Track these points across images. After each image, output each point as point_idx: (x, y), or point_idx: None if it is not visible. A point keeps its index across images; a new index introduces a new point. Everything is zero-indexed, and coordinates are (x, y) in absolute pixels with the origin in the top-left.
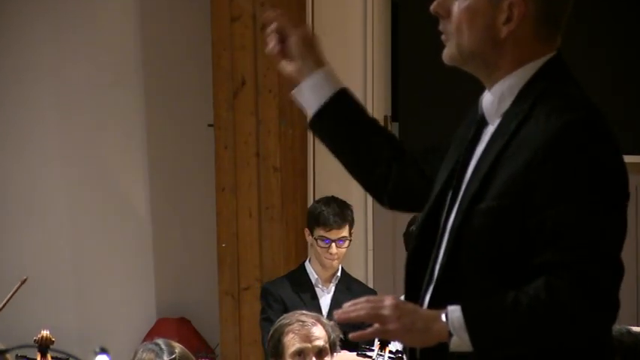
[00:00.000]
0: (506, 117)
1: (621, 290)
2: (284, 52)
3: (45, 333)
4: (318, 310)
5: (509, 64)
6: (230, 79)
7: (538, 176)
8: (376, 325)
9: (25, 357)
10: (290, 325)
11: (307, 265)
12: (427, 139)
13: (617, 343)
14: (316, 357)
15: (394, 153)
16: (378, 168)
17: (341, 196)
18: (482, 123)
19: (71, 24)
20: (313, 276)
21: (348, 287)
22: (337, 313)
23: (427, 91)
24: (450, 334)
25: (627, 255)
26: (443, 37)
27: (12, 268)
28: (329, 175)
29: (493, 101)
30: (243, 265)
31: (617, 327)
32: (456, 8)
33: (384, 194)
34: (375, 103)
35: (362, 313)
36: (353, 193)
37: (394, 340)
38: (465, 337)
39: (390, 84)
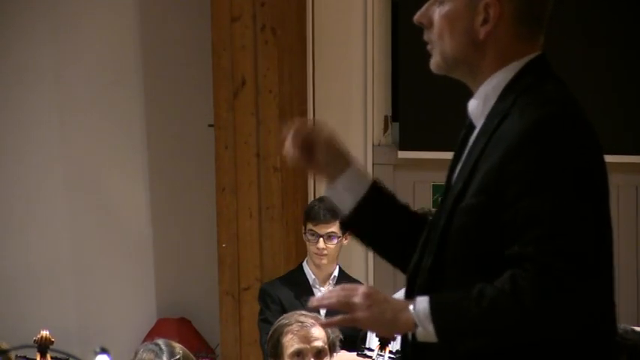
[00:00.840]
0: (489, 116)
1: (621, 290)
2: (309, 159)
3: (44, 333)
4: (316, 311)
5: (491, 65)
6: (230, 79)
7: (510, 171)
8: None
9: (24, 357)
10: (289, 325)
11: (305, 265)
12: (427, 139)
13: (622, 341)
14: (315, 358)
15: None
16: (408, 248)
17: None
18: (470, 127)
19: (71, 24)
20: (310, 276)
21: None
22: (312, 301)
23: (427, 91)
24: (416, 325)
25: (628, 254)
26: (428, 46)
27: (13, 268)
28: None
29: (478, 104)
30: (244, 265)
31: (620, 326)
32: (436, 15)
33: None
34: (376, 103)
35: (334, 301)
36: None
37: (364, 329)
38: (430, 327)
39: (391, 84)
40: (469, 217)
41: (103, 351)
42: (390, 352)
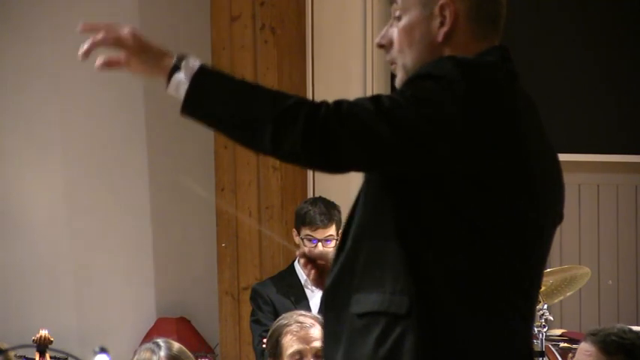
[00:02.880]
0: None
1: (621, 290)
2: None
3: (43, 332)
4: (308, 309)
5: None
6: None
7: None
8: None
9: (24, 357)
10: (288, 326)
11: (296, 265)
12: None
13: (620, 340)
14: (315, 358)
15: None
16: None
17: (340, 196)
18: None
19: (70, 22)
20: (302, 277)
21: None
22: (82, 25)
23: None
24: (173, 71)
25: (627, 253)
26: (392, 66)
27: (11, 268)
28: (328, 175)
29: None
30: (243, 264)
31: (618, 326)
32: (395, 33)
33: None
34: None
35: (101, 36)
36: (352, 192)
37: (128, 58)
38: (183, 86)
39: (390, 84)
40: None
41: (103, 350)
42: None
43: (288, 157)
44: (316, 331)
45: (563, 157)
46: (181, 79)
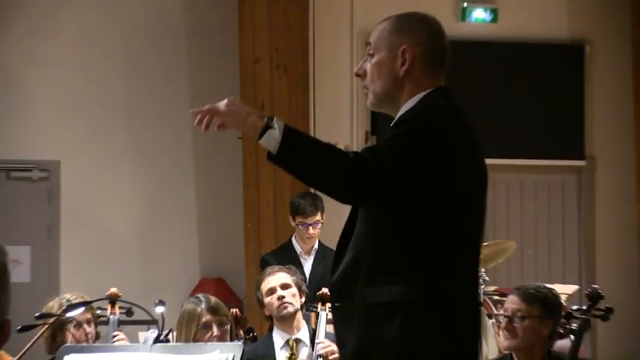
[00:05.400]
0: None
1: (538, 257)
2: None
3: (113, 290)
4: (303, 273)
5: (406, 96)
6: (253, 104)
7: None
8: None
9: (99, 308)
10: (262, 275)
11: (293, 240)
12: None
13: (537, 293)
14: (281, 288)
15: None
16: None
17: None
18: None
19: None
20: (298, 249)
21: (324, 255)
22: (192, 110)
23: None
24: (265, 130)
25: (543, 232)
26: (365, 91)
27: (94, 244)
28: None
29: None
30: (263, 240)
31: (535, 283)
32: (368, 66)
33: None
34: (359, 121)
35: (205, 107)
36: None
37: (223, 120)
38: (276, 139)
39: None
40: None
41: (161, 302)
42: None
43: (350, 197)
44: (283, 273)
45: (496, 161)
46: (274, 134)
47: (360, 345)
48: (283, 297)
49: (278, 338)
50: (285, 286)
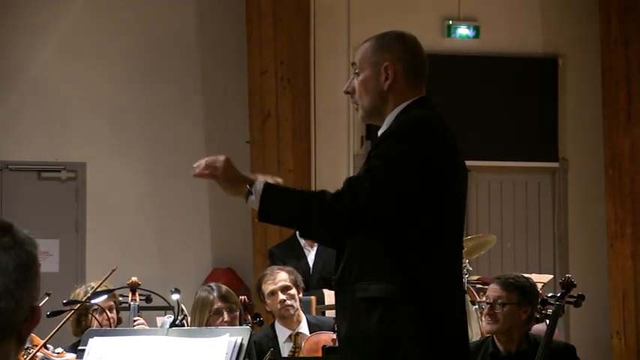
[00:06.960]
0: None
1: (516, 249)
2: None
3: (134, 279)
4: (307, 264)
5: (391, 107)
6: (260, 112)
7: (375, 149)
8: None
9: (121, 295)
10: (264, 276)
11: (297, 234)
12: None
13: (515, 282)
14: (281, 291)
15: None
16: None
17: (333, 187)
18: None
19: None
20: (301, 241)
21: (325, 248)
22: (194, 174)
23: None
24: (248, 195)
25: (520, 227)
26: (354, 106)
27: (110, 237)
28: (327, 175)
29: (381, 129)
30: (269, 234)
31: (514, 273)
32: (356, 84)
33: None
34: (355, 127)
35: (203, 162)
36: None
37: (218, 185)
38: (256, 202)
39: None
40: None
41: (177, 291)
42: None
43: (330, 235)
44: (282, 274)
45: (479, 162)
46: (253, 200)
47: (349, 331)
48: (284, 301)
49: (281, 332)
50: (285, 289)
